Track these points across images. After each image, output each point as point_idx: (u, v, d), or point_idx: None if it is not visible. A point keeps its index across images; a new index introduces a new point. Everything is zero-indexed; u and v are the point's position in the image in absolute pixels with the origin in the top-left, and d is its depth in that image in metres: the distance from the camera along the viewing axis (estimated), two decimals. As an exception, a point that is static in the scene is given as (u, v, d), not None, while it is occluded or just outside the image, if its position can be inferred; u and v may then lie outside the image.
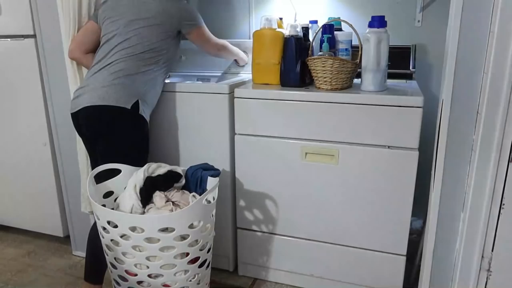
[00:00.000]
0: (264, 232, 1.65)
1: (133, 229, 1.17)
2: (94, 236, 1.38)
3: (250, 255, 1.71)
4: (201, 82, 1.89)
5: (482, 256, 1.13)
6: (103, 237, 1.26)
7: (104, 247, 1.28)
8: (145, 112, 1.45)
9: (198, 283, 1.32)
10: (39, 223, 2.02)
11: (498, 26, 0.99)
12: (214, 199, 1.32)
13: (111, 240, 1.22)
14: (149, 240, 1.18)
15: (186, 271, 1.25)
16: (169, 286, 1.26)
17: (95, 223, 1.35)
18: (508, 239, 1.09)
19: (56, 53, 1.66)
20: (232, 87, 1.55)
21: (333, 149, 1.44)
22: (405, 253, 1.46)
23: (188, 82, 1.87)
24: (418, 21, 1.79)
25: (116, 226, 1.19)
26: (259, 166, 1.57)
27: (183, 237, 1.20)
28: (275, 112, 1.49)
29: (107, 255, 1.29)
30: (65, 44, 1.56)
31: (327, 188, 1.49)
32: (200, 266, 1.29)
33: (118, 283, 1.31)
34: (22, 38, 1.74)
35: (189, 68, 2.04)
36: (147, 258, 1.20)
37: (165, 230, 1.17)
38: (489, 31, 1.04)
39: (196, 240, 1.23)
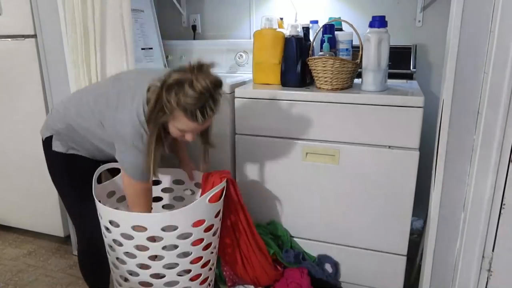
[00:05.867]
0: (264, 232, 1.65)
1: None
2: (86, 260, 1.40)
3: (250, 255, 1.71)
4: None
5: (483, 256, 1.13)
6: (105, 237, 1.26)
7: (107, 247, 1.28)
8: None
9: (201, 284, 1.32)
10: (39, 223, 2.02)
11: (498, 26, 0.99)
12: (221, 197, 1.30)
13: (114, 240, 1.22)
14: (151, 238, 1.18)
15: (188, 271, 1.25)
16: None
17: (81, 246, 1.38)
18: (508, 239, 1.09)
19: (56, 53, 1.66)
20: (233, 87, 1.55)
21: (334, 149, 1.44)
22: (405, 253, 1.46)
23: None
24: (419, 21, 1.79)
25: (118, 226, 1.19)
26: (260, 166, 1.57)
27: (186, 236, 1.20)
28: (276, 112, 1.49)
29: (109, 255, 1.29)
30: (65, 44, 1.56)
31: (328, 188, 1.49)
32: (203, 266, 1.29)
33: (119, 284, 1.31)
34: (23, 38, 1.74)
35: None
36: (150, 258, 1.20)
37: (168, 228, 1.17)
38: (489, 31, 1.04)
39: (200, 240, 1.23)
